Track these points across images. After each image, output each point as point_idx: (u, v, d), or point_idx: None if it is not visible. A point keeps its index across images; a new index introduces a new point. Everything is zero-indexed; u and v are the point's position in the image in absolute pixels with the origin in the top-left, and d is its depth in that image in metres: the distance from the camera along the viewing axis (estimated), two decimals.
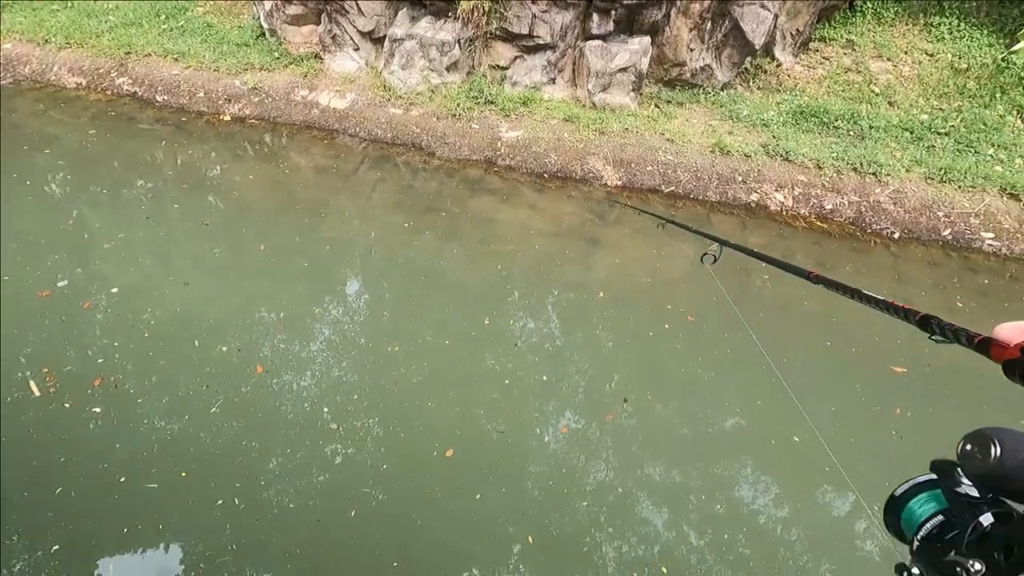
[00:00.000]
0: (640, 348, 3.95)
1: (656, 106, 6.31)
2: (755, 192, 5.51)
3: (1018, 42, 5.91)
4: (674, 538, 2.96)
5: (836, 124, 5.95)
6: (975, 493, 0.41)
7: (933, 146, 5.73)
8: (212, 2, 7.95)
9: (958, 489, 0.42)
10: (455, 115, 6.23)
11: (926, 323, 0.52)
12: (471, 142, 6.04)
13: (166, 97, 6.79)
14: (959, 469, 0.43)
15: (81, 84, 7.06)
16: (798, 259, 4.90)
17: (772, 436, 3.39)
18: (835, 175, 5.52)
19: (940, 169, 5.46)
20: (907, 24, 6.59)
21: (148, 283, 4.29)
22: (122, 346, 3.75)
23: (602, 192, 5.63)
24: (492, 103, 6.29)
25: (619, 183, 5.67)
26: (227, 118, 6.55)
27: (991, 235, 5.10)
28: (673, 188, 5.60)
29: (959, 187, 5.37)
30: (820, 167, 5.56)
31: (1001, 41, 6.19)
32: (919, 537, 0.42)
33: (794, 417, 3.37)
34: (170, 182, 5.50)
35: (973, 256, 5.03)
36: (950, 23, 6.42)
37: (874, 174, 5.47)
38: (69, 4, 8.04)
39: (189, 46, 7.26)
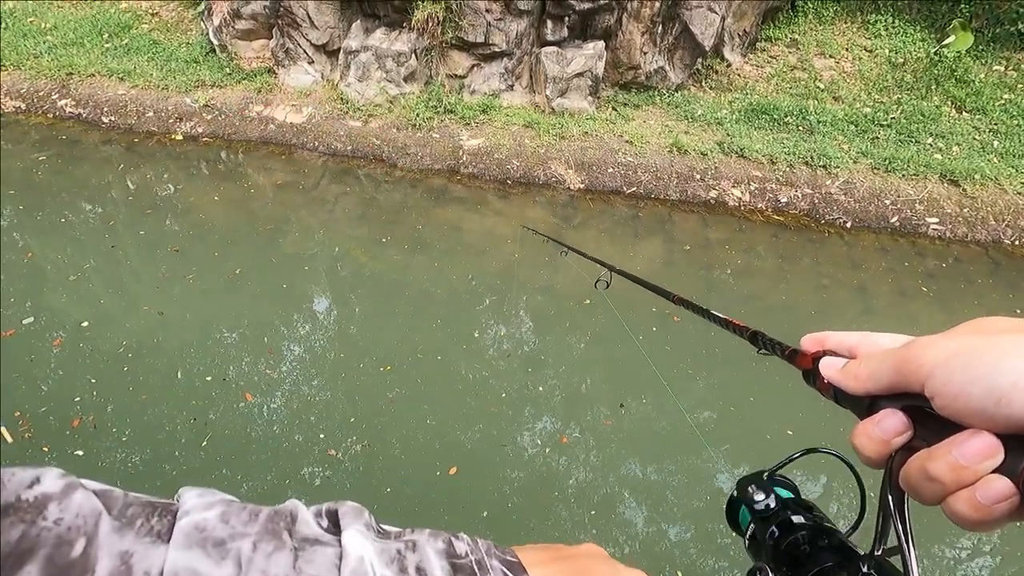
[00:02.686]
0: (634, 350, 3.97)
1: (614, 109, 6.42)
2: (713, 189, 5.66)
3: (948, 37, 6.24)
4: (691, 539, 2.99)
5: (786, 120, 6.17)
6: (772, 504, 0.47)
7: (877, 138, 6.00)
8: (157, 18, 7.74)
9: (755, 505, 0.48)
10: (415, 125, 6.21)
11: (754, 339, 0.58)
12: (433, 152, 6.03)
13: (113, 118, 6.56)
14: (753, 485, 0.49)
15: (20, 108, 6.76)
16: (759, 252, 5.05)
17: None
18: (788, 169, 5.72)
19: (885, 159, 5.71)
20: (846, 22, 6.89)
21: (121, 315, 4.09)
22: (100, 383, 3.54)
23: (566, 196, 5.69)
24: (452, 112, 6.30)
25: (582, 186, 5.74)
26: (179, 137, 6.37)
27: (935, 220, 5.36)
28: (635, 189, 5.70)
29: (903, 176, 5.63)
30: (774, 162, 5.76)
31: (933, 36, 6.54)
32: (746, 537, 0.47)
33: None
34: (131, 207, 5.29)
35: (920, 240, 5.27)
36: (885, 20, 6.74)
37: (824, 167, 5.69)
38: (4, 25, 7.70)
39: (135, 64, 7.04)
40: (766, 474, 0.50)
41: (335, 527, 0.33)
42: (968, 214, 5.37)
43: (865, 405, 0.37)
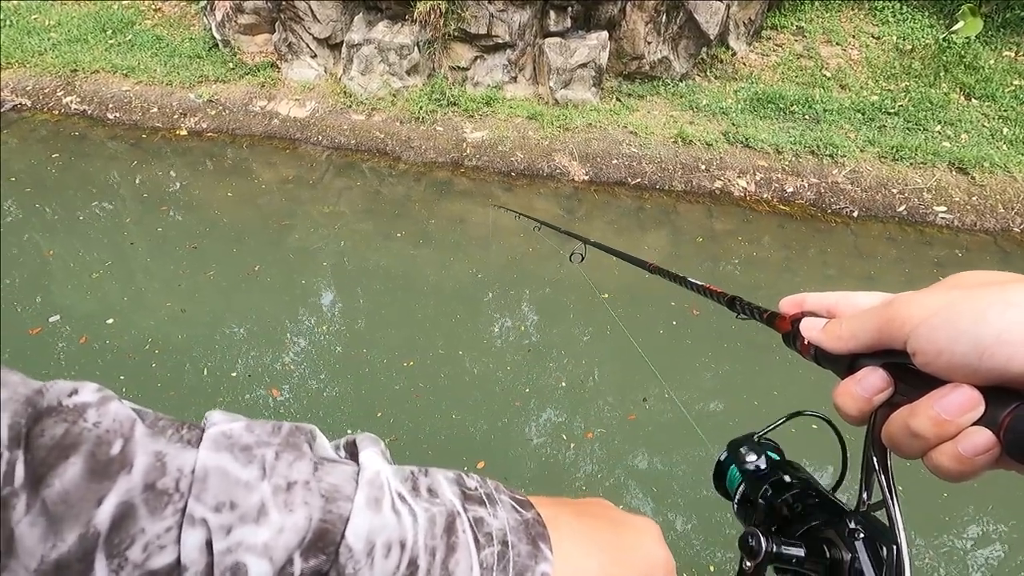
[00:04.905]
0: (654, 343, 3.95)
1: (618, 100, 6.39)
2: (719, 179, 5.63)
3: (957, 22, 6.16)
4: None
5: (792, 109, 6.12)
6: (763, 466, 0.47)
7: (884, 126, 5.94)
8: (160, 14, 7.74)
9: (746, 465, 0.48)
10: (418, 118, 6.19)
11: (732, 304, 0.58)
12: (436, 145, 6.02)
13: (118, 114, 6.58)
14: (744, 446, 0.49)
15: (26, 105, 6.79)
16: (765, 243, 5.03)
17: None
18: (794, 159, 5.68)
19: (892, 148, 5.66)
20: (853, 9, 6.81)
21: (144, 312, 4.10)
22: (127, 380, 3.55)
23: (570, 188, 5.67)
24: (455, 104, 6.28)
25: (586, 178, 5.72)
26: (184, 133, 6.38)
27: (943, 208, 5.32)
28: (639, 180, 5.68)
29: (911, 164, 5.58)
30: (779, 152, 5.72)
31: (941, 22, 6.45)
32: (735, 500, 0.47)
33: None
34: (145, 204, 5.28)
35: (928, 230, 5.23)
36: (893, 6, 6.66)
37: (831, 156, 5.65)
38: (8, 22, 7.72)
39: (139, 60, 7.05)
40: (756, 436, 0.50)
41: (352, 458, 0.35)
42: (977, 202, 5.32)
43: (846, 364, 0.38)
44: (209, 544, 0.27)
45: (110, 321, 3.98)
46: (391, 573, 0.30)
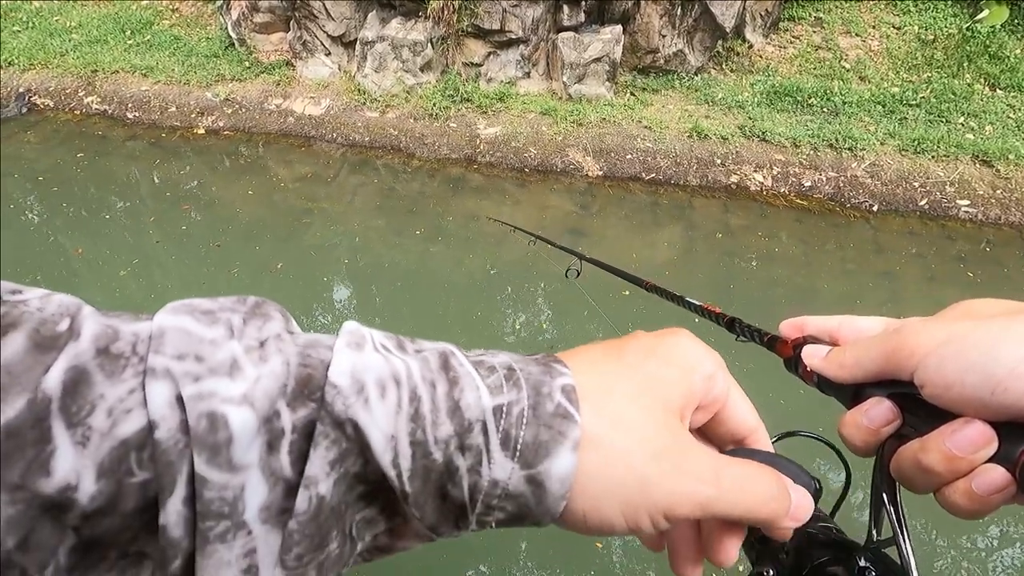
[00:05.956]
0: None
1: (632, 94, 6.34)
2: (735, 174, 5.57)
3: (982, 11, 6.01)
4: None
5: (810, 102, 6.02)
6: None
7: (905, 118, 5.82)
8: (178, 14, 7.84)
9: None
10: (432, 115, 6.21)
11: (731, 325, 0.56)
12: (450, 141, 6.03)
13: (137, 114, 6.69)
14: None
15: (48, 105, 6.92)
16: (782, 238, 4.97)
17: None
18: (812, 152, 5.59)
19: (913, 140, 5.55)
20: None
21: None
22: None
23: (584, 183, 5.65)
24: (468, 101, 6.28)
25: (600, 173, 5.69)
26: (201, 131, 6.46)
27: (966, 202, 5.21)
28: (654, 175, 5.63)
29: (933, 157, 5.46)
30: (797, 145, 5.63)
31: (965, 11, 6.30)
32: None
33: None
34: (168, 203, 5.35)
35: (950, 224, 5.12)
36: None
37: (850, 149, 5.55)
38: (31, 25, 7.87)
39: (157, 60, 7.15)
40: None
41: None
42: (1001, 195, 5.20)
43: (851, 393, 0.37)
44: (179, 399, 0.24)
45: None
46: (393, 412, 0.27)
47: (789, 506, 0.30)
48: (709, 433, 0.36)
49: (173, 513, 0.24)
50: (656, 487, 0.28)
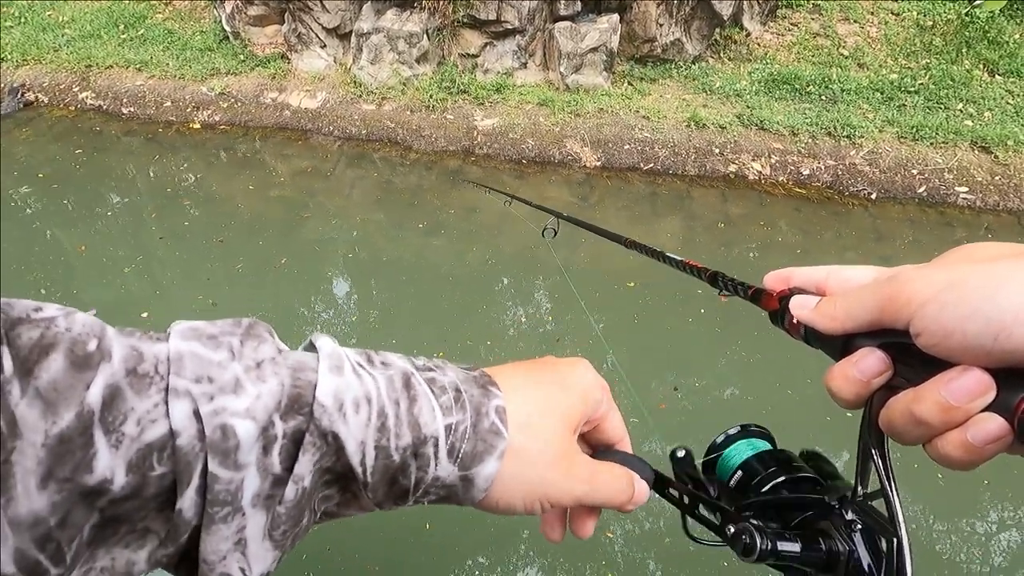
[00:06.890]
0: (679, 335, 3.91)
1: (629, 84, 6.31)
2: (733, 163, 5.55)
3: None
4: None
5: (808, 90, 6.00)
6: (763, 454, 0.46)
7: (904, 105, 5.80)
8: (171, 7, 7.76)
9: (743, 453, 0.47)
10: (429, 107, 6.17)
11: (714, 279, 0.56)
12: (447, 133, 6.00)
13: (132, 109, 6.65)
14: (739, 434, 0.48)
15: (42, 101, 6.88)
16: (781, 226, 4.96)
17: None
18: (810, 140, 5.57)
19: (912, 127, 5.53)
20: None
21: (177, 306, 4.15)
22: None
23: (582, 174, 5.63)
24: (465, 92, 6.24)
25: (598, 164, 5.68)
26: (197, 126, 6.43)
27: (965, 189, 5.20)
28: (652, 165, 5.62)
29: (931, 144, 5.45)
30: (795, 134, 5.61)
31: None
32: (730, 483, 0.45)
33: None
34: (170, 199, 5.32)
35: (949, 211, 5.12)
36: None
37: (848, 137, 5.53)
38: (23, 20, 7.80)
39: (151, 55, 7.09)
40: (741, 426, 0.48)
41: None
42: (1000, 182, 5.19)
43: (840, 345, 0.35)
44: (196, 413, 0.30)
45: (144, 315, 4.05)
46: (364, 425, 0.34)
47: (632, 495, 0.42)
48: (590, 437, 0.46)
49: (188, 500, 0.30)
50: (551, 485, 0.39)
